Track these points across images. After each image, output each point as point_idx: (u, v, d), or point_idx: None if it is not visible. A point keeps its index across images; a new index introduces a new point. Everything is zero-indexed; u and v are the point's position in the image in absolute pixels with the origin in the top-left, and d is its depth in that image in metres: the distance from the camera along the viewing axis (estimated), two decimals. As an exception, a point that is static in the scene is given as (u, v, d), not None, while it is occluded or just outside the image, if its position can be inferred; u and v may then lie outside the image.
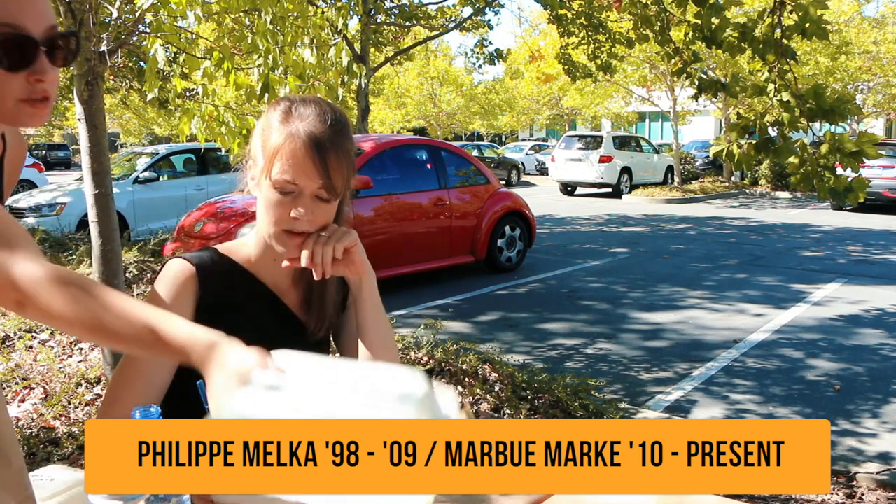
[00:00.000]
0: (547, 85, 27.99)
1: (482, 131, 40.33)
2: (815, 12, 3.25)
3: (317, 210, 1.27)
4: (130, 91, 11.31)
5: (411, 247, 7.64)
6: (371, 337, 1.38)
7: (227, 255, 1.36)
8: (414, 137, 11.40)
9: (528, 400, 3.94)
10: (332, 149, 1.25)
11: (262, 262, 1.36)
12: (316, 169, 1.23)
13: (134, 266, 5.13)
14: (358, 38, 10.65)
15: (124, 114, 28.72)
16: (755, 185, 22.10)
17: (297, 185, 1.24)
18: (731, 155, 3.43)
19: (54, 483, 1.15)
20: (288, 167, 1.23)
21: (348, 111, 12.81)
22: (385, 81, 29.56)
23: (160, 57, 2.97)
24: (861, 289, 7.72)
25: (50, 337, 4.21)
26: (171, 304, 1.27)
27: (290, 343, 1.37)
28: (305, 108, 1.27)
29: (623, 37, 9.39)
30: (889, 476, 3.37)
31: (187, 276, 1.29)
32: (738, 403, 4.45)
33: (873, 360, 5.31)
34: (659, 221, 14.10)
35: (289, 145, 1.23)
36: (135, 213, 9.77)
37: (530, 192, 20.95)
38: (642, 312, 6.75)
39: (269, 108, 1.32)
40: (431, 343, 4.32)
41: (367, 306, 1.38)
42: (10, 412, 3.23)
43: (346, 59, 3.28)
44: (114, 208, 3.28)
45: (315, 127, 1.24)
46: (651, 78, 20.97)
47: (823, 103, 3.17)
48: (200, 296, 1.29)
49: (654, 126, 38.09)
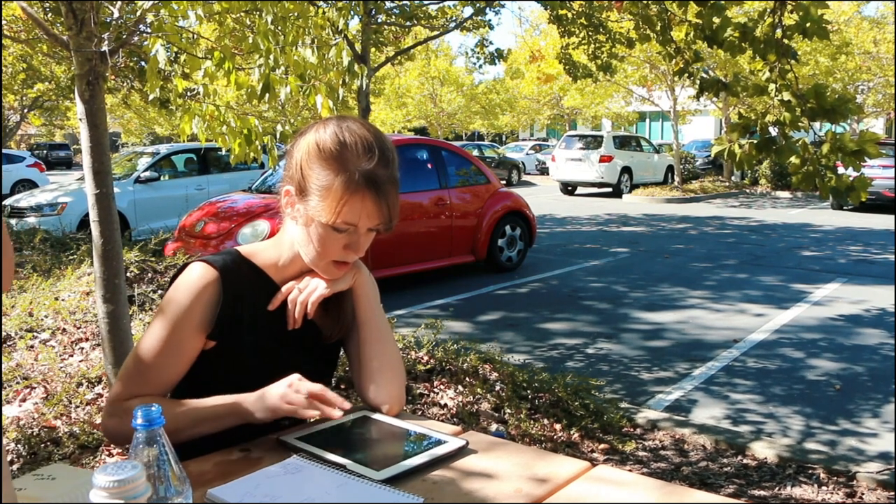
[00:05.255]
0: (547, 85, 27.96)
1: (483, 131, 40.31)
2: (816, 12, 3.25)
3: (368, 240, 1.29)
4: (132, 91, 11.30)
5: (412, 246, 7.64)
6: (364, 335, 1.39)
7: (248, 259, 1.34)
8: (414, 137, 11.39)
9: (529, 399, 3.94)
10: (392, 188, 1.25)
11: (285, 269, 1.35)
12: (379, 211, 1.24)
13: (135, 266, 5.13)
14: (359, 38, 10.64)
15: (125, 113, 28.71)
16: (755, 184, 22.10)
17: (357, 225, 1.25)
18: (732, 155, 3.42)
19: (55, 482, 1.15)
20: (349, 212, 1.22)
21: (349, 111, 12.82)
22: (386, 81, 29.53)
23: (161, 57, 2.97)
24: (861, 288, 7.72)
25: (51, 337, 4.21)
26: (191, 308, 1.26)
27: (304, 347, 1.38)
28: (357, 142, 1.23)
29: (623, 37, 9.38)
30: (889, 476, 3.37)
31: (210, 281, 1.27)
32: (738, 403, 4.45)
33: (873, 359, 5.31)
34: (659, 221, 14.09)
35: (351, 192, 1.21)
36: (136, 212, 9.78)
37: (531, 191, 20.95)
38: (643, 312, 6.75)
39: (312, 132, 1.26)
40: (432, 342, 4.32)
41: (364, 304, 1.40)
42: (11, 411, 3.24)
43: (347, 59, 3.28)
44: (115, 208, 3.27)
45: (376, 168, 1.22)
46: (651, 78, 20.95)
47: (824, 103, 3.17)
48: (222, 301, 1.28)
49: (654, 126, 38.07)
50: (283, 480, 1.06)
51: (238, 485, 1.05)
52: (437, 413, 3.70)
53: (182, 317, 1.26)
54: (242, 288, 1.30)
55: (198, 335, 1.27)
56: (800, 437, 3.95)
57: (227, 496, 1.01)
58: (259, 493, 1.02)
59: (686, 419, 4.15)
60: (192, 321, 1.26)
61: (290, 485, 1.04)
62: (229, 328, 1.29)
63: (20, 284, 5.06)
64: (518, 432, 3.57)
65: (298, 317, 1.32)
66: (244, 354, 1.32)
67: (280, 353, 1.35)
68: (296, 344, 1.37)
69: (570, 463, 1.18)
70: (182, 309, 1.26)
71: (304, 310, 1.32)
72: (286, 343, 1.36)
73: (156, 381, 1.27)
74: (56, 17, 7.25)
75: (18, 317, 4.39)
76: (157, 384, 1.27)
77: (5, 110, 17.71)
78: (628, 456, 3.64)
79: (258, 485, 1.04)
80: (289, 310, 1.33)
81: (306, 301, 1.32)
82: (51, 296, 4.76)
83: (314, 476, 1.07)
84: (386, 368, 1.38)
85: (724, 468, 3.51)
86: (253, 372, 1.31)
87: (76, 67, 3.07)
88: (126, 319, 3.35)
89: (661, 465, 3.55)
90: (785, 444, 3.76)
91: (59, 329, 4.30)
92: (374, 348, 1.39)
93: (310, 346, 1.40)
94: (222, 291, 1.28)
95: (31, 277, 5.20)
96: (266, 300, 1.33)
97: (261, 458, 1.17)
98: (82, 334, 4.25)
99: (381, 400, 1.36)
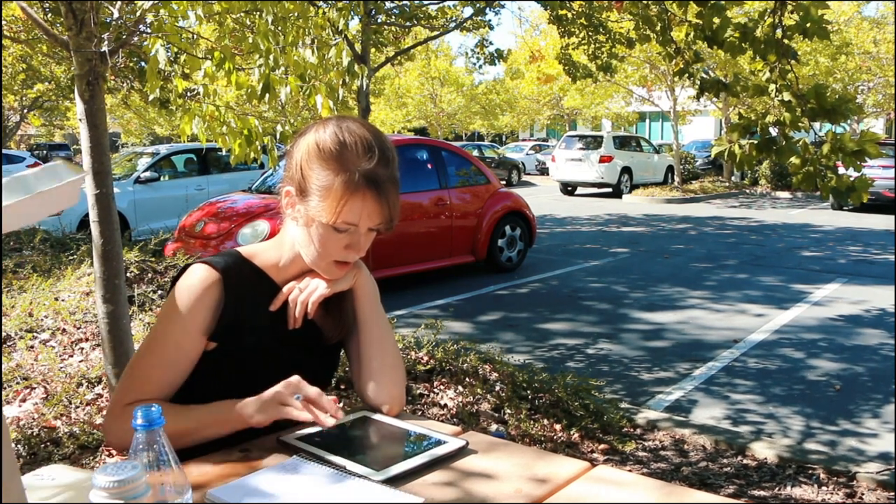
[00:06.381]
0: (547, 85, 27.96)
1: (483, 131, 40.32)
2: (816, 12, 3.25)
3: (369, 240, 1.29)
4: (131, 91, 11.31)
5: (412, 247, 7.64)
6: (365, 335, 1.39)
7: (249, 260, 1.34)
8: (414, 137, 11.40)
9: (529, 400, 3.94)
10: (393, 187, 1.25)
11: (286, 270, 1.35)
12: (379, 211, 1.24)
13: (135, 266, 5.13)
14: (359, 39, 10.65)
15: (125, 114, 28.72)
16: (755, 185, 22.10)
17: (357, 225, 1.25)
18: (732, 155, 3.42)
19: (55, 483, 1.15)
20: (349, 212, 1.22)
21: (349, 111, 12.81)
22: (386, 81, 29.55)
23: (161, 57, 2.97)
24: (861, 289, 7.72)
25: (51, 337, 4.21)
26: (194, 311, 1.26)
27: (305, 347, 1.38)
28: (357, 142, 1.23)
29: (623, 37, 9.39)
30: (889, 476, 3.37)
31: (211, 283, 1.27)
32: (738, 403, 4.45)
33: (874, 359, 5.31)
34: (659, 221, 14.10)
35: (352, 192, 1.21)
36: (136, 212, 9.77)
37: (531, 191, 20.95)
38: (643, 312, 6.74)
39: (312, 132, 1.26)
40: (432, 343, 4.32)
41: (364, 304, 1.40)
42: (11, 412, 3.24)
43: (347, 60, 3.28)
44: (115, 208, 3.27)
45: (376, 168, 1.22)
46: (651, 78, 20.95)
47: (825, 103, 3.17)
48: (224, 303, 1.28)
49: (654, 126, 38.08)
50: (283, 480, 1.06)
51: (238, 485, 1.05)
52: (437, 413, 3.69)
53: (185, 320, 1.25)
54: (244, 289, 1.30)
55: (201, 338, 1.27)
56: (800, 437, 3.95)
57: (227, 496, 1.01)
58: (259, 493, 1.02)
59: (686, 419, 4.15)
60: (195, 324, 1.26)
61: (290, 485, 1.04)
62: (231, 330, 1.29)
63: (20, 285, 5.06)
64: (518, 432, 3.57)
65: (299, 316, 1.32)
66: (245, 355, 1.32)
67: (281, 354, 1.35)
68: (297, 344, 1.37)
69: (570, 463, 1.18)
70: (185, 312, 1.25)
71: (305, 309, 1.32)
72: (287, 343, 1.36)
73: (159, 385, 1.27)
74: (56, 18, 7.25)
75: (18, 317, 4.39)
76: (161, 388, 1.27)
77: (5, 110, 17.71)
78: (628, 456, 3.64)
79: (258, 485, 1.04)
80: (289, 309, 1.33)
81: (307, 301, 1.32)
82: (51, 296, 4.76)
83: (314, 476, 1.07)
84: (386, 368, 1.38)
85: (724, 468, 3.51)
86: (254, 373, 1.31)
87: (76, 67, 3.07)
88: (126, 320, 3.34)
89: (661, 465, 3.55)
90: (785, 445, 3.76)
91: (59, 329, 4.30)
92: (374, 348, 1.39)
93: (311, 346, 1.40)
94: (224, 293, 1.27)
95: (31, 277, 5.20)
96: (267, 301, 1.33)
97: (261, 458, 1.17)
98: (82, 334, 4.25)
99: (381, 400, 1.36)
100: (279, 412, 1.20)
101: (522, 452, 1.24)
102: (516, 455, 1.21)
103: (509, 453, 1.22)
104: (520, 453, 1.23)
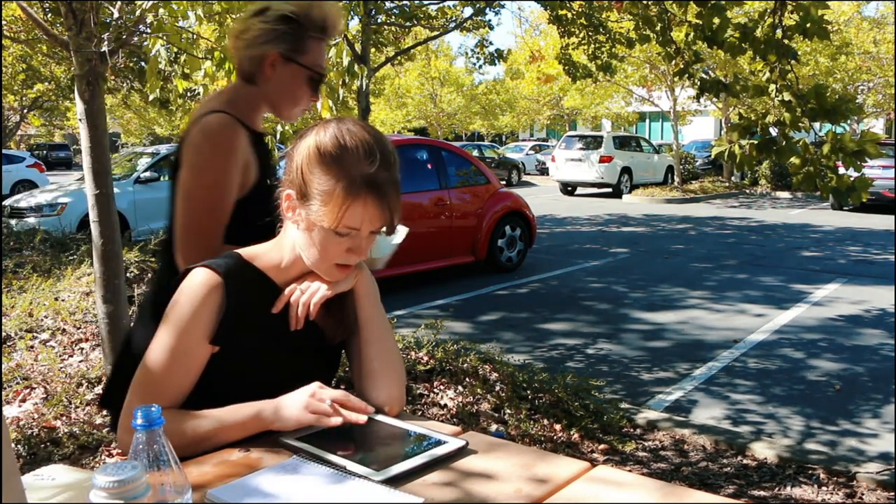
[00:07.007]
0: (547, 85, 27.94)
1: (482, 131, 40.31)
2: (816, 12, 3.25)
3: (370, 243, 1.28)
4: (131, 91, 11.32)
5: (412, 247, 7.61)
6: (365, 336, 1.39)
7: (250, 262, 1.33)
8: (414, 137, 11.41)
9: (529, 400, 3.94)
10: (394, 190, 1.25)
11: (287, 271, 1.35)
12: (381, 215, 1.24)
13: (135, 266, 5.13)
14: (359, 39, 10.65)
15: (125, 114, 28.72)
16: (755, 185, 22.10)
17: (359, 229, 1.24)
18: (732, 155, 3.42)
19: (55, 483, 1.15)
20: (351, 217, 1.22)
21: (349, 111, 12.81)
22: (386, 82, 29.54)
23: (161, 57, 2.97)
24: (861, 289, 7.72)
25: (51, 337, 4.21)
26: (198, 315, 1.25)
27: (307, 348, 1.38)
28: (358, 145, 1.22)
29: (623, 37, 9.38)
30: (889, 476, 3.37)
31: (213, 287, 1.26)
32: (738, 403, 4.45)
33: (873, 360, 5.31)
34: (659, 221, 14.10)
35: (353, 197, 1.20)
36: (136, 212, 9.76)
37: (530, 192, 20.95)
38: (643, 312, 6.74)
39: (313, 135, 1.26)
40: (432, 343, 4.32)
41: (365, 304, 1.40)
42: (11, 412, 3.24)
43: (347, 60, 3.28)
44: (115, 208, 3.27)
45: (377, 172, 1.21)
46: (651, 78, 20.95)
47: (825, 103, 3.17)
48: (226, 306, 1.27)
49: (654, 126, 38.07)
50: (283, 480, 1.06)
51: (238, 485, 1.05)
52: (436, 413, 3.69)
53: (189, 325, 1.25)
54: (246, 292, 1.29)
55: (205, 342, 1.26)
56: (800, 437, 3.95)
57: (227, 496, 1.01)
58: (259, 493, 1.02)
59: (686, 419, 4.15)
60: (199, 329, 1.25)
61: (290, 485, 1.04)
62: (233, 332, 1.28)
63: (20, 285, 5.06)
64: (518, 433, 3.57)
65: (301, 317, 1.32)
66: (247, 357, 1.31)
67: (282, 355, 1.35)
68: (298, 345, 1.37)
69: (570, 463, 1.18)
70: (188, 317, 1.24)
71: (307, 310, 1.32)
72: (289, 345, 1.36)
73: (169, 392, 1.26)
74: (56, 18, 7.25)
75: (18, 317, 4.39)
76: (171, 395, 1.26)
77: (5, 110, 17.70)
78: (628, 456, 3.64)
79: (258, 485, 1.04)
80: (291, 311, 1.33)
81: (308, 302, 1.31)
82: (51, 296, 4.76)
83: (314, 476, 1.07)
84: (386, 369, 1.38)
85: (724, 468, 3.51)
86: (255, 374, 1.31)
87: (76, 68, 3.07)
88: (126, 320, 3.35)
89: (661, 465, 3.55)
90: (785, 445, 3.76)
91: (59, 329, 4.30)
92: (374, 348, 1.39)
93: (312, 347, 1.40)
94: (226, 296, 1.27)
95: (31, 278, 5.20)
96: (269, 303, 1.33)
97: (261, 458, 1.17)
98: (82, 335, 4.25)
99: (381, 400, 1.36)
100: (307, 420, 1.20)
101: (522, 452, 1.24)
102: (516, 455, 1.21)
103: (509, 453, 1.22)
104: (520, 453, 1.23)
